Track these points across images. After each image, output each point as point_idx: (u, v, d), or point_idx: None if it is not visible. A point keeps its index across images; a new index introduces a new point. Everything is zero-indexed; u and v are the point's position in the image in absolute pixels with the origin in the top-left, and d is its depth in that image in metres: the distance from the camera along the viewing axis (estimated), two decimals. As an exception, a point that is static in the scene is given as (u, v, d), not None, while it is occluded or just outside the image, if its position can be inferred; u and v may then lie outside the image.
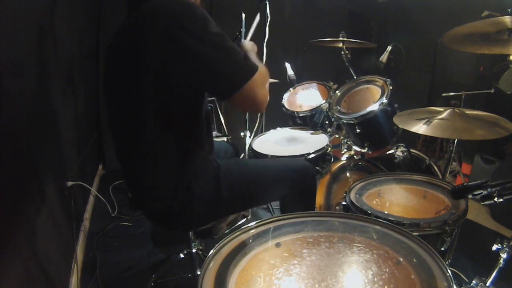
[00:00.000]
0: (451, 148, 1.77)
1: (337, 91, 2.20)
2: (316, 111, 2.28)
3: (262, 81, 1.16)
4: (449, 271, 0.80)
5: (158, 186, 1.25)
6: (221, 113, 2.86)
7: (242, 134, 2.38)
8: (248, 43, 1.47)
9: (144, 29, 1.11)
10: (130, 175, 1.33)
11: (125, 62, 1.18)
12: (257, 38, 1.71)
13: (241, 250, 0.92)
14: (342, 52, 2.38)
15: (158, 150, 1.21)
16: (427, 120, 1.48)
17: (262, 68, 1.17)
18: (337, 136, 2.28)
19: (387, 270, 0.83)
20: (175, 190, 1.24)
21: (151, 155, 1.21)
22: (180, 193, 1.24)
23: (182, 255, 1.99)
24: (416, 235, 0.95)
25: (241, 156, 2.28)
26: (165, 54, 1.07)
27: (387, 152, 2.19)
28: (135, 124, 1.20)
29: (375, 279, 0.80)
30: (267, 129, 2.40)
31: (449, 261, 1.37)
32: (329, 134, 2.18)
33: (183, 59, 1.07)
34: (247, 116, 2.39)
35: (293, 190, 1.43)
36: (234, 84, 1.10)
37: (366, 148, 2.06)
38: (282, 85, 2.57)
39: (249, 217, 2.16)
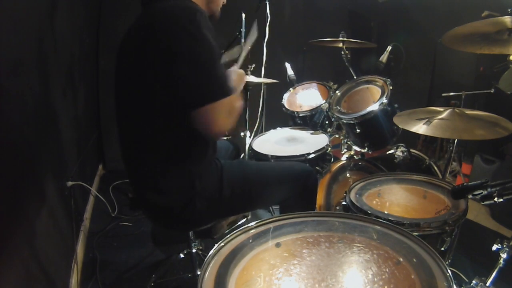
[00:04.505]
0: (451, 148, 1.77)
1: (337, 91, 2.20)
2: (316, 111, 2.28)
3: (228, 109, 1.13)
4: (449, 271, 0.80)
5: (163, 184, 1.25)
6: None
7: (242, 134, 2.37)
8: (235, 72, 1.44)
9: (153, 30, 1.12)
10: (134, 173, 1.34)
11: (133, 61, 1.20)
12: (257, 38, 1.70)
13: (241, 250, 0.92)
14: (342, 52, 2.38)
15: (164, 149, 1.22)
16: (427, 120, 1.48)
17: (235, 98, 1.15)
18: (337, 136, 2.28)
19: (387, 270, 0.83)
20: (179, 188, 1.25)
21: (157, 154, 1.23)
22: (183, 190, 1.25)
23: (182, 255, 1.99)
24: (416, 235, 0.95)
25: (241, 156, 2.28)
26: (169, 55, 1.08)
27: (387, 152, 2.19)
28: (142, 123, 1.21)
29: (375, 279, 0.80)
30: (267, 129, 2.40)
31: (449, 261, 1.37)
32: (329, 134, 2.18)
33: (180, 60, 1.08)
34: (247, 116, 2.38)
35: (293, 194, 1.44)
36: (205, 97, 1.08)
37: (366, 148, 2.06)
38: (282, 85, 2.57)
39: (249, 217, 2.15)
